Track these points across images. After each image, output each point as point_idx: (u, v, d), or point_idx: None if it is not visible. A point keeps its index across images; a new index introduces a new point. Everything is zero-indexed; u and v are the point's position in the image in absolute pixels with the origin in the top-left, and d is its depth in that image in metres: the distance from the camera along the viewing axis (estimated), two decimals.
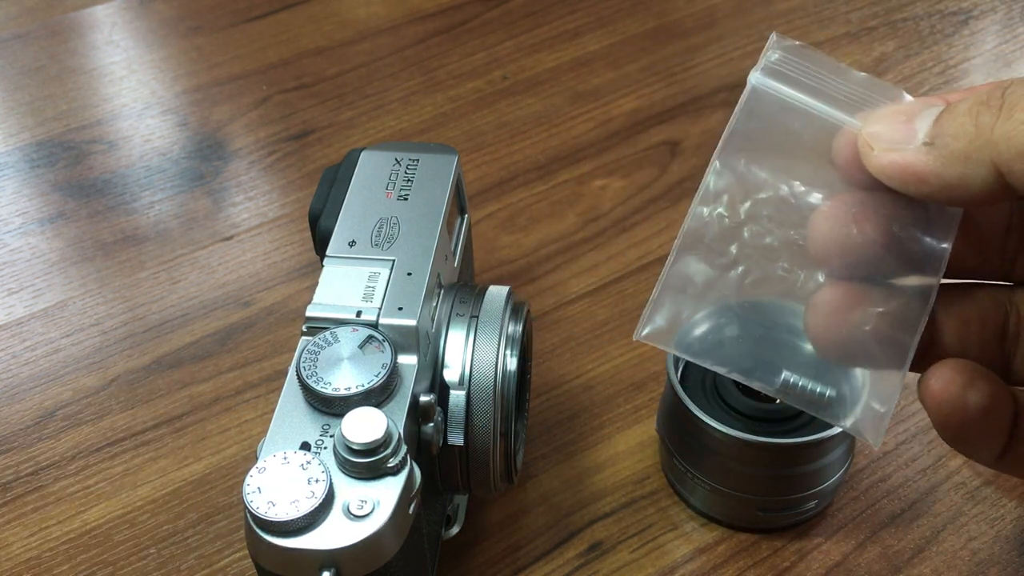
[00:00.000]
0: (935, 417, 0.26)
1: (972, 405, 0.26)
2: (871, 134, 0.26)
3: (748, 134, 0.28)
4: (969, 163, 0.24)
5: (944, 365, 0.26)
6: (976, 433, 0.26)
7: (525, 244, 0.59)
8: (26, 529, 0.47)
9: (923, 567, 0.44)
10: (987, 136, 0.24)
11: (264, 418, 0.50)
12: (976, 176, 0.24)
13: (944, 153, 0.24)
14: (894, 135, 0.26)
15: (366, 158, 0.45)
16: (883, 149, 0.26)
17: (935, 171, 0.25)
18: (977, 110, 0.24)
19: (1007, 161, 0.23)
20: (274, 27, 0.75)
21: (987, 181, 0.24)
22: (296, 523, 0.33)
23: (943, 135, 0.25)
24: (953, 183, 0.24)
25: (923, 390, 0.26)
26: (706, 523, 0.46)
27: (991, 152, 0.24)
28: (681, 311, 0.29)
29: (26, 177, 0.64)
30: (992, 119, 0.24)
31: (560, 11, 0.75)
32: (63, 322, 0.55)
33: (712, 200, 0.28)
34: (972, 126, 0.24)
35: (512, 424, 0.41)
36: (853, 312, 0.27)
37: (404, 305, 0.38)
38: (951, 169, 0.24)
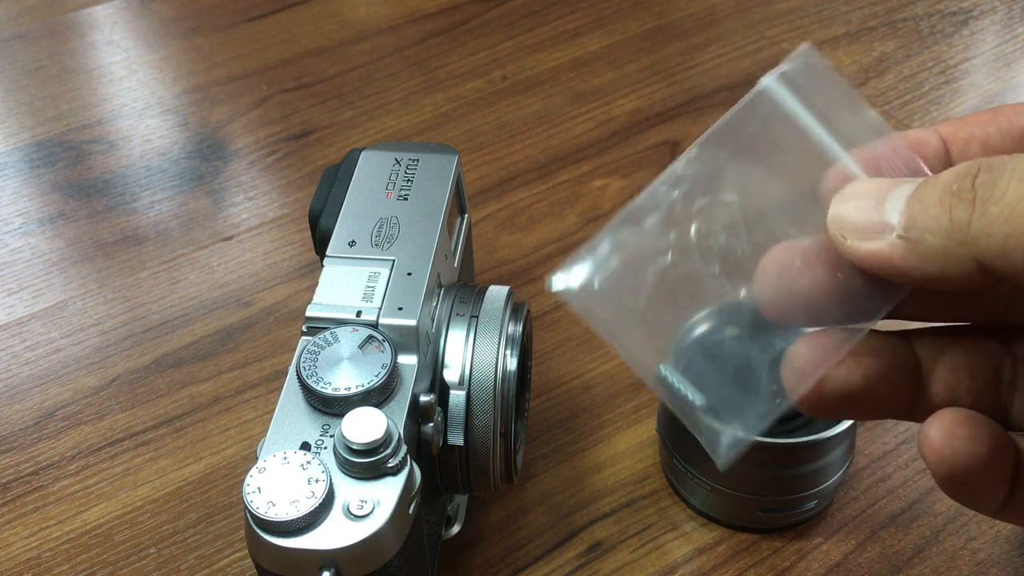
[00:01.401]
0: (936, 470, 0.25)
1: (975, 456, 0.25)
2: (840, 219, 0.25)
3: (738, 133, 0.27)
4: (950, 259, 0.23)
5: (943, 415, 0.25)
6: (979, 484, 0.25)
7: (525, 244, 0.59)
8: (26, 529, 0.47)
9: (923, 567, 0.44)
10: (964, 232, 0.22)
11: (264, 418, 0.50)
12: (960, 271, 0.23)
13: (921, 248, 0.23)
14: (865, 222, 0.24)
15: (366, 158, 0.45)
16: (857, 239, 0.24)
17: (916, 266, 0.23)
18: (949, 203, 0.23)
19: (989, 259, 0.22)
20: (274, 27, 0.75)
21: (970, 274, 0.23)
22: (296, 523, 0.33)
23: (917, 228, 0.23)
24: (935, 276, 0.23)
25: (923, 442, 0.25)
26: (706, 523, 0.46)
27: (971, 249, 0.22)
28: (594, 278, 0.27)
29: (26, 177, 0.64)
30: (966, 214, 0.22)
31: (560, 11, 0.75)
32: (63, 322, 0.55)
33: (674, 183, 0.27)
34: (947, 220, 0.23)
35: (512, 424, 0.41)
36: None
37: (404, 305, 0.38)
38: (931, 265, 0.23)
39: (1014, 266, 0.22)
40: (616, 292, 0.26)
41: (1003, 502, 0.26)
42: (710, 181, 0.27)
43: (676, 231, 0.27)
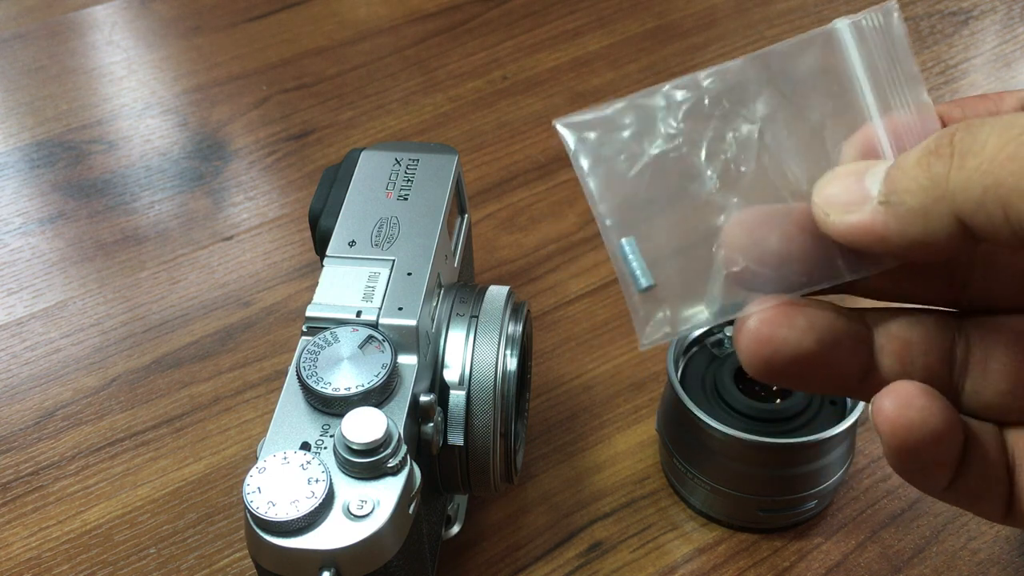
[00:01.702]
0: (889, 441, 0.25)
1: (928, 429, 0.24)
2: (824, 197, 0.25)
3: (788, 63, 0.26)
4: (929, 218, 0.23)
5: (899, 386, 0.25)
6: (929, 460, 0.25)
7: (525, 244, 0.59)
8: (26, 529, 0.47)
9: (923, 567, 0.44)
10: (943, 188, 0.22)
11: (264, 418, 0.50)
12: (939, 230, 0.23)
13: (901, 211, 0.23)
14: (847, 196, 0.24)
15: (366, 158, 0.45)
16: (839, 213, 0.24)
17: (896, 230, 0.23)
18: (928, 161, 0.23)
19: (968, 213, 0.22)
20: (274, 27, 0.75)
21: (952, 234, 0.23)
22: (296, 523, 0.33)
23: (896, 191, 0.23)
24: (917, 239, 0.23)
25: (877, 412, 0.25)
26: (706, 523, 0.46)
27: (950, 205, 0.22)
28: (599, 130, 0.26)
29: (26, 177, 0.64)
30: (944, 169, 0.22)
31: (560, 11, 0.75)
32: (63, 322, 0.55)
33: (708, 81, 0.26)
34: (926, 179, 0.23)
35: (512, 424, 0.41)
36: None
37: (404, 305, 0.38)
38: (912, 227, 0.23)
39: (991, 219, 0.22)
40: (613, 152, 0.26)
41: (949, 483, 0.26)
42: (741, 95, 0.26)
43: (691, 123, 0.26)
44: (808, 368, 0.26)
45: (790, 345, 0.25)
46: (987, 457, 0.26)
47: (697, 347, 0.47)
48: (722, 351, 0.46)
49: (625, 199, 0.26)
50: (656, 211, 0.26)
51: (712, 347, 0.46)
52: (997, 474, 0.26)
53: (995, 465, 0.26)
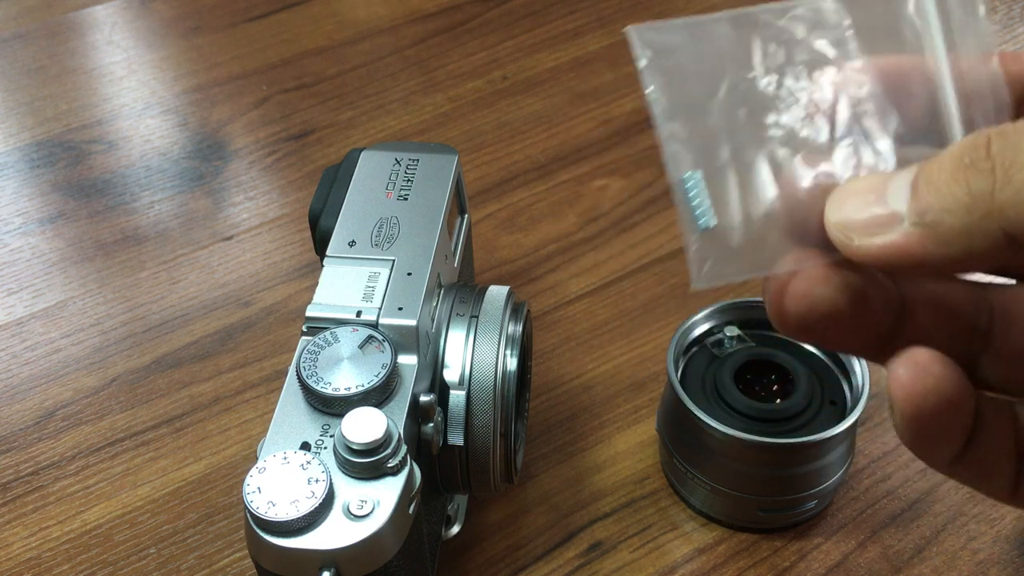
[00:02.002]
0: (902, 407, 0.24)
1: (943, 397, 0.24)
2: (842, 219, 0.24)
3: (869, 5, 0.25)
4: (974, 237, 0.22)
5: (915, 352, 0.24)
6: (940, 430, 0.25)
7: (525, 244, 0.59)
8: (26, 529, 0.47)
9: (923, 567, 0.44)
10: (988, 204, 0.21)
11: (264, 418, 0.50)
12: (984, 248, 0.22)
13: (940, 231, 0.22)
14: (870, 217, 0.23)
15: (366, 158, 0.45)
16: (863, 236, 0.23)
17: (937, 252, 0.22)
18: (965, 176, 0.22)
19: (1019, 228, 0.21)
20: (274, 27, 0.75)
21: (998, 248, 0.22)
22: (296, 523, 0.33)
23: (931, 211, 0.22)
24: (958, 258, 0.22)
25: (892, 378, 0.24)
26: (706, 523, 0.46)
27: (999, 222, 0.21)
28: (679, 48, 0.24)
29: (26, 177, 0.64)
30: (988, 185, 0.21)
31: (560, 11, 0.75)
32: (63, 322, 0.55)
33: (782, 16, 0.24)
34: (966, 196, 0.22)
35: (512, 424, 0.41)
36: None
37: (404, 305, 0.38)
38: (954, 246, 0.22)
39: None
40: (690, 74, 0.24)
41: (955, 457, 0.25)
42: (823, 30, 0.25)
43: (771, 53, 0.25)
44: (837, 327, 0.25)
45: (825, 303, 0.25)
46: (998, 432, 0.26)
47: (697, 347, 0.47)
48: (722, 351, 0.46)
49: (693, 125, 0.25)
50: (723, 142, 0.25)
51: (712, 347, 0.46)
52: (1006, 450, 0.26)
53: (1005, 440, 0.26)
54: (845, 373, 0.45)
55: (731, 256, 0.25)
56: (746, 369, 0.45)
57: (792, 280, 0.25)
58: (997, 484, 0.26)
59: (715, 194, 0.25)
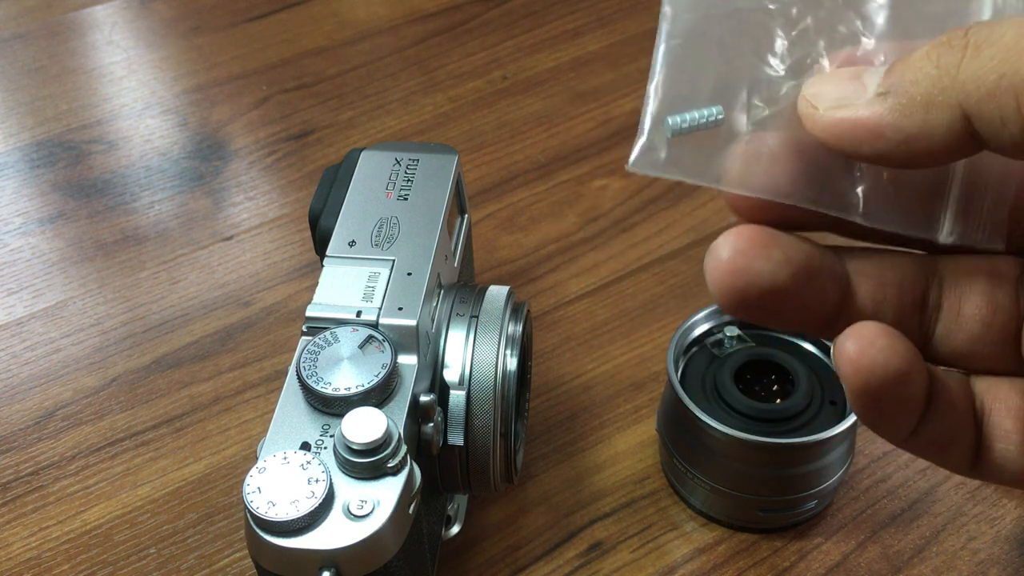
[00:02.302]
0: (851, 382, 0.24)
1: (892, 370, 0.24)
2: (812, 94, 0.24)
3: None
4: (932, 109, 0.22)
5: (861, 326, 0.24)
6: (892, 404, 0.24)
7: (525, 244, 0.59)
8: (26, 529, 0.47)
9: (923, 567, 0.44)
10: (952, 77, 0.21)
11: (264, 418, 0.50)
12: (940, 123, 0.22)
13: (902, 101, 0.22)
14: (840, 93, 0.23)
15: (366, 158, 0.45)
16: (829, 107, 0.23)
17: (892, 123, 0.22)
18: (937, 52, 0.22)
19: (976, 103, 0.21)
20: (274, 27, 0.75)
21: (952, 128, 0.22)
22: (296, 523, 0.33)
23: (900, 82, 0.22)
24: (914, 134, 0.22)
25: (839, 353, 0.24)
26: (706, 523, 0.46)
27: (958, 94, 0.21)
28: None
29: (26, 177, 0.64)
30: (957, 58, 0.21)
31: (560, 11, 0.75)
32: (63, 322, 0.55)
33: None
34: (934, 68, 0.22)
35: (512, 424, 0.41)
36: None
37: (404, 305, 0.38)
38: (911, 118, 0.22)
39: (1001, 111, 0.21)
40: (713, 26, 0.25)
41: (911, 431, 0.25)
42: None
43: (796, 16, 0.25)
44: (780, 303, 0.25)
45: (764, 278, 0.24)
46: (954, 404, 0.25)
47: (697, 347, 0.47)
48: (722, 351, 0.46)
49: (693, 31, 0.25)
50: (716, 57, 0.25)
51: (712, 347, 0.46)
52: (964, 423, 0.25)
53: (962, 413, 0.25)
54: None
55: (678, 155, 0.25)
56: (746, 369, 0.45)
57: (729, 255, 0.24)
58: (956, 458, 0.26)
59: (687, 95, 0.25)
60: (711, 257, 0.25)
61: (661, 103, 0.25)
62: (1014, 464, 0.26)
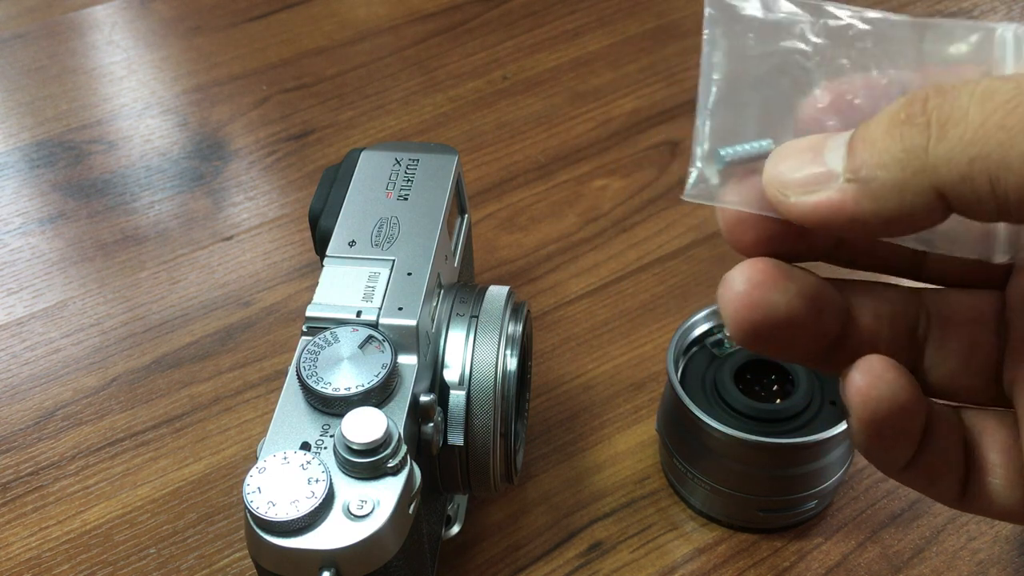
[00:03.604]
0: (860, 414, 0.24)
1: (897, 403, 0.24)
2: (777, 176, 0.23)
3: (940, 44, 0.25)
4: (906, 193, 0.21)
5: (870, 360, 0.24)
6: (894, 436, 0.25)
7: (525, 244, 0.59)
8: (26, 529, 0.47)
9: (923, 567, 0.44)
10: (922, 160, 0.21)
11: (264, 418, 0.50)
12: (916, 205, 0.21)
13: (874, 187, 0.22)
14: (806, 175, 0.23)
15: (366, 158, 0.45)
16: (799, 193, 0.23)
17: (869, 208, 0.22)
18: (899, 131, 0.21)
19: (951, 185, 0.21)
20: (274, 27, 0.75)
21: (930, 207, 0.21)
22: (296, 523, 0.33)
23: (866, 166, 0.22)
24: (891, 216, 0.22)
25: (849, 385, 0.24)
26: (706, 523, 0.46)
27: (931, 177, 0.21)
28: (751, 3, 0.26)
29: (26, 177, 0.64)
30: (922, 140, 0.21)
31: (560, 11, 0.75)
32: (63, 322, 0.55)
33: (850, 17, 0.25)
34: (900, 151, 0.21)
35: (512, 424, 0.41)
36: None
37: (404, 305, 0.38)
38: (886, 203, 0.22)
39: (976, 192, 0.21)
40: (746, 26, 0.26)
41: (907, 463, 0.26)
42: (886, 46, 0.25)
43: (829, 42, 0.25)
44: (793, 335, 0.25)
45: (781, 310, 0.24)
46: (947, 437, 0.26)
47: (697, 347, 0.47)
48: (722, 351, 0.46)
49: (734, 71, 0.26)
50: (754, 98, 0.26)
51: (712, 347, 0.46)
52: (955, 455, 0.26)
53: (954, 446, 0.26)
54: None
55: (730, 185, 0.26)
56: (746, 369, 0.45)
57: (745, 288, 0.25)
58: (946, 489, 0.26)
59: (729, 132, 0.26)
60: (726, 289, 0.25)
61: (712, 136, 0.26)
62: (1001, 498, 0.26)
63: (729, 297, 0.25)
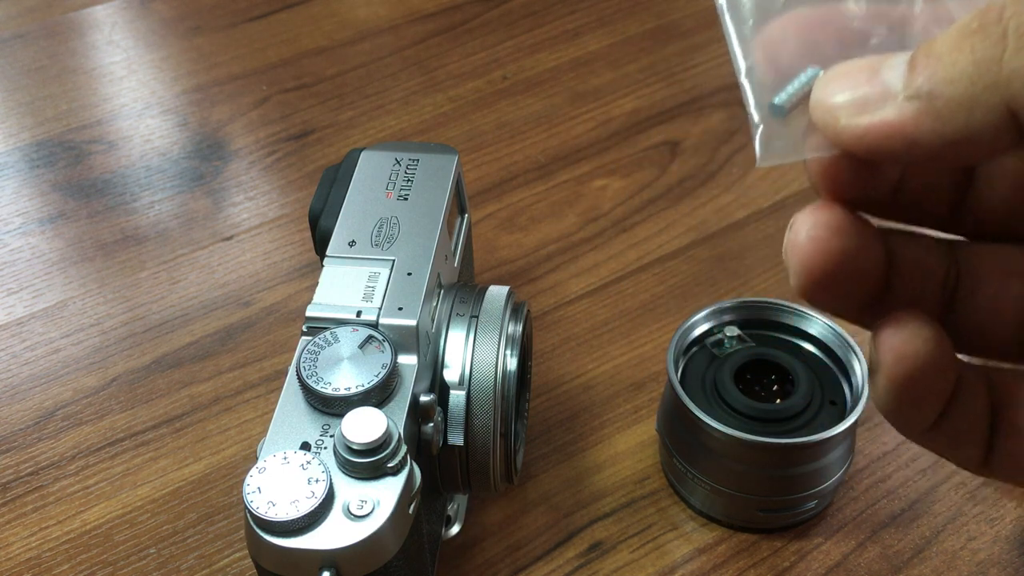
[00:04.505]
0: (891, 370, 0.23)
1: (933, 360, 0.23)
2: (828, 98, 0.21)
3: None
4: (975, 111, 0.19)
5: (904, 315, 0.23)
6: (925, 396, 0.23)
7: (525, 244, 0.59)
8: (26, 529, 0.47)
9: (923, 567, 0.44)
10: (995, 74, 0.19)
11: (264, 418, 0.50)
12: (984, 125, 0.19)
13: (938, 104, 0.20)
14: (861, 95, 0.21)
15: (366, 158, 0.45)
16: (851, 115, 0.21)
17: (932, 128, 0.20)
18: (971, 43, 0.19)
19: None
20: (274, 27, 0.75)
21: (999, 128, 0.19)
22: (296, 523, 0.33)
23: (931, 81, 0.20)
24: (955, 139, 0.20)
25: (883, 341, 0.23)
26: (706, 523, 0.46)
27: (1003, 93, 0.19)
28: None
29: (26, 177, 0.64)
30: (996, 52, 0.19)
31: (560, 11, 0.75)
32: (63, 322, 0.55)
33: None
34: (970, 64, 0.19)
35: (512, 424, 0.41)
36: None
37: (404, 305, 0.38)
38: (951, 123, 0.20)
39: None
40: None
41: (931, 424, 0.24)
42: None
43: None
44: (853, 284, 0.24)
45: (849, 256, 0.23)
46: (973, 398, 0.24)
47: (697, 347, 0.47)
48: (722, 351, 0.46)
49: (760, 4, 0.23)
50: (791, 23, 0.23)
51: (712, 347, 0.46)
52: (980, 418, 0.25)
53: (980, 408, 0.25)
54: (845, 373, 0.45)
55: (799, 133, 0.24)
56: (746, 369, 0.45)
57: (817, 234, 0.23)
58: (969, 453, 0.25)
59: (782, 69, 0.23)
60: (794, 235, 0.23)
61: (759, 89, 0.23)
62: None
63: (799, 243, 0.23)
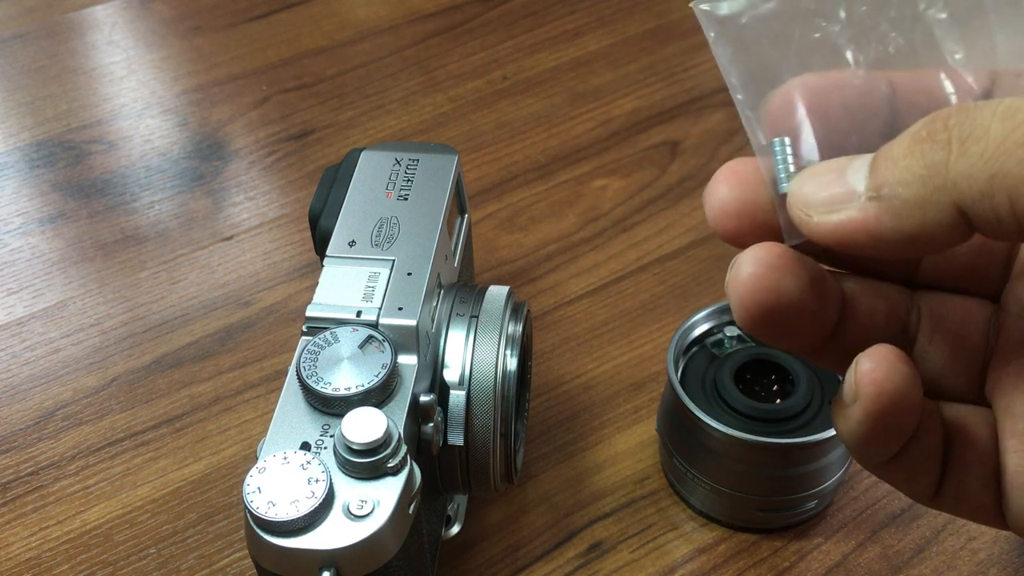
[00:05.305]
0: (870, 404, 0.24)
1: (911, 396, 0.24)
2: (802, 197, 0.24)
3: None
4: (928, 210, 0.21)
5: (884, 349, 0.24)
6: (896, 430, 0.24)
7: (525, 244, 0.59)
8: (26, 529, 0.47)
9: (923, 567, 0.44)
10: (942, 177, 0.21)
11: (264, 418, 0.50)
12: (937, 223, 0.22)
13: (896, 204, 0.22)
14: (829, 195, 0.23)
15: (366, 158, 0.45)
16: (822, 212, 0.23)
17: (892, 225, 0.22)
18: (921, 148, 0.22)
19: (971, 203, 0.21)
20: (274, 27, 0.75)
21: (951, 225, 0.21)
22: (296, 523, 0.33)
23: (888, 184, 0.22)
24: (914, 234, 0.22)
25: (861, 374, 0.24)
26: (706, 523, 0.46)
27: (951, 194, 0.21)
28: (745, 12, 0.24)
29: (26, 177, 0.64)
30: (943, 156, 0.21)
31: (560, 11, 0.75)
32: (63, 322, 0.55)
33: None
34: (921, 168, 0.21)
35: (512, 424, 0.41)
36: None
37: (404, 305, 0.38)
38: (908, 220, 0.22)
39: (996, 210, 0.21)
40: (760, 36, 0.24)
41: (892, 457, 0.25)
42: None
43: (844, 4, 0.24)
44: (800, 321, 0.25)
45: (792, 295, 0.24)
46: (930, 433, 0.25)
47: (697, 347, 0.47)
48: (722, 351, 0.46)
49: (769, 84, 0.25)
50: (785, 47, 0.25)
51: (712, 347, 0.46)
52: (935, 451, 0.26)
53: (934, 442, 0.26)
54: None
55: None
56: (746, 369, 0.45)
57: (758, 272, 0.24)
58: (922, 486, 0.26)
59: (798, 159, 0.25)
60: (737, 272, 0.24)
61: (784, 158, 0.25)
62: (973, 498, 0.26)
63: (740, 279, 0.24)
